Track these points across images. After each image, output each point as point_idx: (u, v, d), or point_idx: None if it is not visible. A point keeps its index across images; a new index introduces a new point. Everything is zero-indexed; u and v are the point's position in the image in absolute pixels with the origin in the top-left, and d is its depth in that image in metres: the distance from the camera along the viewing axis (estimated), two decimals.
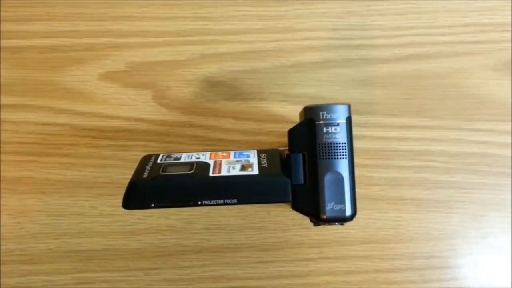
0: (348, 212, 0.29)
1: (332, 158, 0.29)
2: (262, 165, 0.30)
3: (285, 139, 0.33)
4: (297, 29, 0.44)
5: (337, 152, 0.30)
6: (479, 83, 0.43)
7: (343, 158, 0.30)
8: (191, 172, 0.29)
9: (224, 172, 0.29)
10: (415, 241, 0.41)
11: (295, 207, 0.30)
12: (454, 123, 0.42)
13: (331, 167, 0.29)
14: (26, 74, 0.43)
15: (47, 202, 0.42)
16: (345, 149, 0.30)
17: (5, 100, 0.42)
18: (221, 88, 0.43)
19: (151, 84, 0.43)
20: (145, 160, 0.32)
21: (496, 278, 0.41)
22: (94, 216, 0.42)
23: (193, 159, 0.31)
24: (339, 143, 0.30)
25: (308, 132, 0.30)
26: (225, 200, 0.28)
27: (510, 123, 0.42)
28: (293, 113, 0.43)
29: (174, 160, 0.31)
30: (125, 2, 0.44)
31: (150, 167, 0.30)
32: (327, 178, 0.29)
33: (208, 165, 0.30)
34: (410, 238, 0.41)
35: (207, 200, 0.28)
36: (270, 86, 0.43)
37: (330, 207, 0.29)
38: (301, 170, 0.30)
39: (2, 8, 0.44)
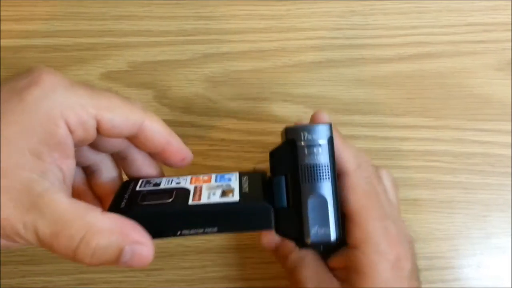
0: (333, 236, 0.28)
1: (314, 180, 0.28)
2: (243, 191, 0.28)
3: None
4: (300, 29, 0.44)
5: (320, 174, 0.28)
6: (483, 83, 0.43)
7: (326, 179, 0.29)
8: (169, 200, 0.27)
9: (204, 199, 0.27)
10: (418, 242, 0.41)
11: (278, 232, 0.29)
12: (457, 123, 0.42)
13: (314, 190, 0.28)
14: None
15: None
16: (328, 170, 0.29)
17: None
18: (223, 88, 0.43)
19: (153, 83, 0.43)
20: (124, 186, 0.30)
21: (499, 278, 0.41)
22: None
23: (173, 185, 0.29)
24: (322, 165, 0.29)
25: (290, 154, 0.29)
26: (205, 229, 0.27)
27: None
28: (295, 113, 0.42)
29: (153, 186, 0.29)
30: (126, 2, 0.43)
31: (128, 195, 0.28)
32: (310, 202, 0.28)
33: (188, 191, 0.28)
34: (413, 239, 0.41)
35: (186, 230, 0.27)
36: (272, 85, 0.43)
37: (314, 231, 0.28)
38: (284, 193, 0.29)
39: (2, 8, 0.43)
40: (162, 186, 0.29)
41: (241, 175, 0.30)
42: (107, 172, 0.31)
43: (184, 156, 0.30)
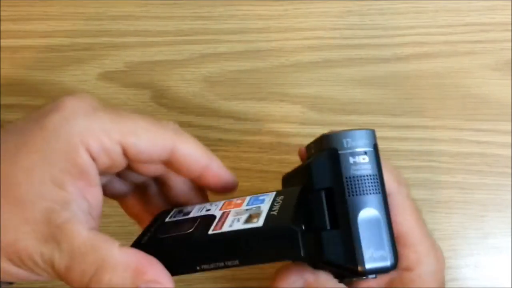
0: (390, 261, 0.24)
1: (363, 194, 0.24)
2: (271, 212, 0.24)
3: (284, 139, 0.33)
4: (297, 29, 0.44)
5: (369, 186, 0.24)
6: (480, 83, 0.43)
7: (376, 192, 0.24)
8: (189, 231, 0.24)
9: (225, 227, 0.24)
10: None
11: (321, 259, 0.24)
12: (455, 123, 0.42)
13: (364, 205, 0.24)
14: (24, 74, 0.43)
15: None
16: (377, 182, 0.25)
17: (4, 100, 0.42)
18: (220, 88, 0.43)
19: (150, 84, 0.43)
20: (156, 218, 0.28)
21: (497, 278, 0.41)
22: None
23: (203, 212, 0.26)
24: (370, 175, 0.25)
25: (332, 165, 0.25)
26: (226, 262, 0.23)
27: (510, 123, 0.42)
28: (292, 113, 0.42)
29: (183, 215, 0.27)
30: (123, 2, 0.43)
31: (155, 228, 0.26)
32: (362, 219, 0.24)
33: (213, 219, 0.25)
34: None
35: (205, 264, 0.23)
36: (269, 86, 0.43)
37: (368, 255, 0.23)
38: (325, 211, 0.25)
39: (1, 8, 0.43)
40: (191, 214, 0.26)
41: (277, 195, 0.26)
42: (153, 197, 0.29)
43: (225, 181, 0.27)
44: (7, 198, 0.22)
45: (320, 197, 0.25)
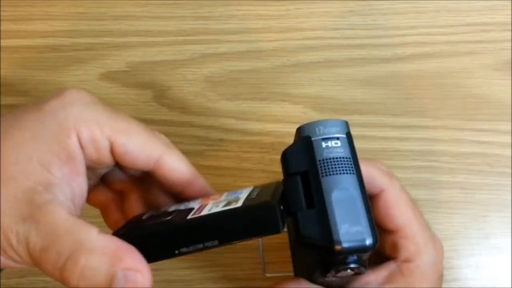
0: (369, 239, 0.23)
1: (336, 174, 0.24)
2: (250, 197, 0.25)
3: (286, 139, 0.33)
4: (298, 29, 0.44)
5: (342, 167, 0.24)
6: (481, 83, 0.43)
7: (349, 173, 0.24)
8: (167, 219, 0.24)
9: (204, 212, 0.24)
10: None
11: (299, 240, 0.24)
12: (456, 123, 0.42)
13: (337, 184, 0.24)
14: (25, 74, 0.43)
15: None
16: (350, 163, 0.25)
17: (5, 100, 0.42)
18: (221, 88, 0.43)
19: (152, 84, 0.43)
20: (134, 217, 0.28)
21: (498, 278, 0.41)
22: (93, 216, 0.41)
23: (181, 207, 0.26)
24: (342, 158, 0.25)
25: (305, 151, 0.25)
26: (205, 244, 0.23)
27: (511, 123, 0.42)
28: (293, 113, 0.42)
29: (161, 212, 0.27)
30: (125, 2, 0.43)
31: (134, 222, 0.26)
32: (335, 196, 0.24)
33: (191, 209, 0.25)
34: None
35: (184, 247, 0.23)
36: (270, 86, 0.43)
37: (344, 230, 0.23)
38: (301, 193, 0.24)
39: (1, 8, 0.43)
40: (169, 210, 0.27)
41: (255, 188, 0.27)
42: (133, 204, 0.29)
43: (201, 193, 0.28)
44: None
45: (296, 181, 0.25)
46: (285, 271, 0.38)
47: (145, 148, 0.25)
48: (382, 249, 0.30)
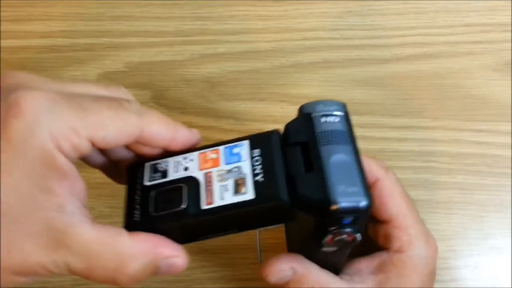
0: (364, 201, 0.24)
1: (334, 143, 0.25)
2: (257, 179, 0.25)
3: None
4: (297, 29, 0.44)
5: (339, 139, 0.26)
6: (480, 84, 0.43)
7: (346, 144, 0.26)
8: (183, 207, 0.25)
9: (216, 200, 0.25)
10: None
11: (298, 201, 0.24)
12: (455, 124, 0.42)
13: (334, 151, 0.25)
14: None
15: None
16: (347, 137, 0.26)
17: None
18: (220, 88, 0.43)
19: (150, 84, 0.43)
20: (131, 177, 0.28)
21: (497, 279, 0.41)
22: (93, 217, 0.41)
23: (181, 173, 0.27)
24: (340, 131, 0.26)
25: (306, 125, 0.27)
26: (226, 232, 0.26)
27: (510, 123, 0.42)
28: (292, 113, 0.42)
29: (161, 177, 0.27)
30: (124, 2, 0.43)
31: (140, 199, 0.27)
32: (332, 160, 0.25)
33: (197, 185, 0.26)
34: None
35: (207, 236, 0.26)
36: (269, 86, 0.43)
37: (341, 189, 0.24)
38: (301, 160, 0.26)
39: (1, 8, 0.44)
40: (170, 176, 0.27)
41: (252, 146, 0.27)
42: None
43: (192, 143, 0.28)
44: (3, 225, 0.21)
45: (295, 149, 0.26)
46: None
47: (123, 130, 0.25)
48: (375, 240, 0.31)
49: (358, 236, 0.26)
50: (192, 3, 0.44)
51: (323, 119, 0.27)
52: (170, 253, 0.24)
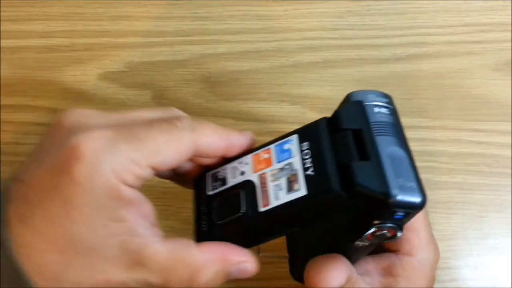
0: (420, 195, 0.23)
1: (389, 135, 0.25)
2: (307, 173, 0.25)
3: None
4: (297, 29, 0.44)
5: (393, 132, 0.25)
6: (480, 83, 0.43)
7: (400, 137, 0.25)
8: (241, 213, 0.26)
9: (272, 201, 0.25)
10: None
11: (355, 190, 0.23)
12: (455, 124, 0.42)
13: (390, 143, 0.25)
14: (24, 74, 0.43)
15: None
16: (400, 131, 0.26)
17: (4, 100, 0.42)
18: (220, 88, 0.43)
19: (150, 84, 0.43)
20: (197, 187, 0.29)
21: (497, 279, 0.41)
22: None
23: (238, 178, 0.28)
24: (392, 123, 0.26)
25: (358, 113, 0.26)
26: (289, 230, 0.26)
27: (510, 123, 0.42)
28: (292, 113, 0.42)
29: (221, 185, 0.28)
30: (124, 2, 0.43)
31: (206, 209, 0.28)
32: (389, 153, 0.24)
33: (253, 188, 0.26)
34: None
35: (270, 237, 0.27)
36: (269, 86, 0.43)
37: (400, 183, 0.23)
38: (354, 148, 0.25)
39: (1, 8, 0.44)
40: (229, 182, 0.28)
41: (300, 139, 0.27)
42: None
43: (247, 147, 0.29)
44: (82, 253, 0.24)
45: (348, 136, 0.25)
46: (284, 271, 0.38)
47: (179, 150, 0.26)
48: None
49: (399, 233, 0.25)
50: (192, 3, 0.44)
51: (376, 109, 0.26)
52: (238, 259, 0.26)
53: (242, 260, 0.26)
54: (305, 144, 0.26)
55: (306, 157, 0.26)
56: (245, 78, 0.43)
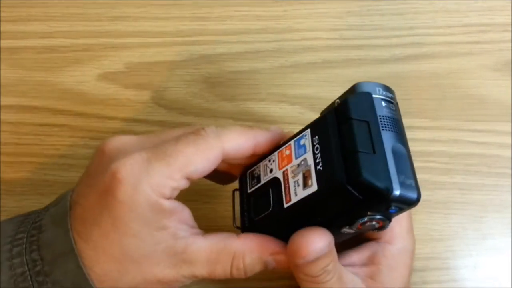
0: (417, 193, 0.25)
1: (394, 131, 0.26)
2: (318, 168, 0.26)
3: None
4: (296, 29, 0.44)
5: (397, 128, 0.26)
6: (479, 84, 0.43)
7: (401, 134, 0.26)
8: (270, 210, 0.28)
9: (293, 197, 0.27)
10: None
11: (359, 181, 0.24)
12: (454, 124, 0.42)
13: (394, 139, 0.26)
14: (24, 75, 0.43)
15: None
16: (402, 128, 0.27)
17: (4, 100, 0.42)
18: (219, 89, 0.43)
19: (150, 84, 0.43)
20: (242, 181, 0.31)
21: (496, 279, 0.41)
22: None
23: (268, 175, 0.29)
24: (397, 120, 0.27)
25: (366, 104, 0.27)
26: (312, 222, 0.27)
27: (510, 123, 0.42)
28: (291, 113, 0.42)
29: (257, 181, 0.30)
30: (123, 3, 0.43)
31: (246, 205, 0.30)
32: (394, 150, 0.25)
33: (279, 185, 0.28)
34: None
35: (293, 230, 0.27)
36: (268, 86, 0.43)
37: (401, 179, 0.24)
38: (361, 141, 0.25)
39: (0, 9, 0.44)
40: (262, 180, 0.30)
41: (312, 133, 0.28)
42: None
43: (276, 142, 0.30)
44: (135, 261, 0.27)
45: (355, 125, 0.26)
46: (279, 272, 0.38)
47: (209, 158, 0.28)
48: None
49: (387, 224, 0.26)
50: (191, 3, 0.44)
51: (383, 104, 0.27)
52: (274, 250, 0.28)
53: (276, 251, 0.28)
54: (316, 139, 0.27)
55: (317, 152, 0.27)
56: (244, 78, 0.43)
